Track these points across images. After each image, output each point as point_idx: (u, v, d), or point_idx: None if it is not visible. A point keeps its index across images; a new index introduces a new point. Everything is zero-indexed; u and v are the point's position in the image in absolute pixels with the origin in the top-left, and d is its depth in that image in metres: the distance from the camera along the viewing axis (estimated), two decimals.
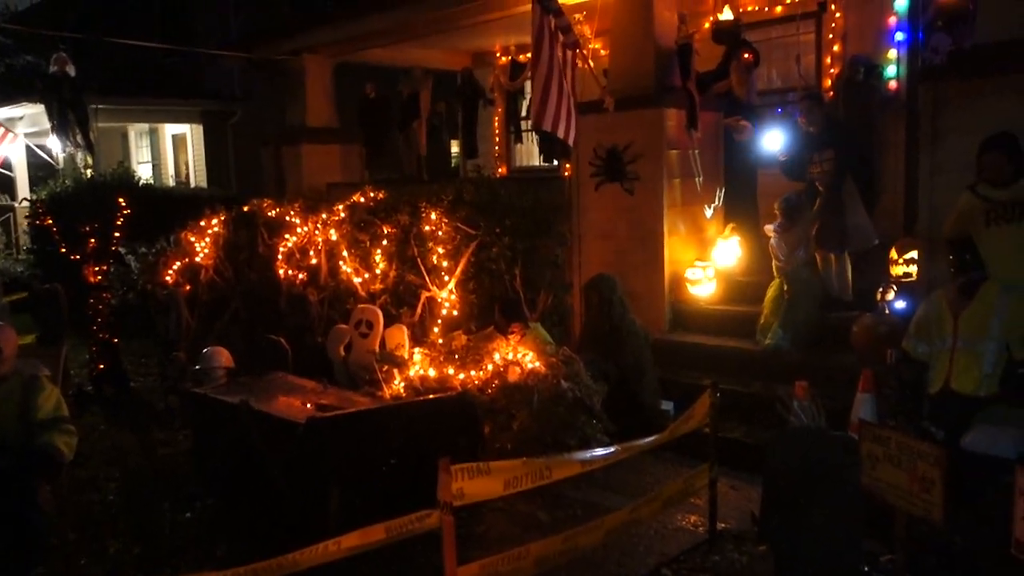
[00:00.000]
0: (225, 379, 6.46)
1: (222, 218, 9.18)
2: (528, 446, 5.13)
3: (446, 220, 7.36)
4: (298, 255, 8.45)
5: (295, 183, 11.68)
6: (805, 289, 6.51)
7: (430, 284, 7.28)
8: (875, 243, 6.57)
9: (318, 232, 8.30)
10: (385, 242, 7.74)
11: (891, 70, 7.73)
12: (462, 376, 5.67)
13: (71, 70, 13.26)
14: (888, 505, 3.24)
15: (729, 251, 7.54)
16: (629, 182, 7.31)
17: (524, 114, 12.09)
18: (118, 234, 8.34)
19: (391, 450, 4.70)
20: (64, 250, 8.19)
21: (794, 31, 8.34)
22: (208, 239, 9.06)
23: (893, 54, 7.70)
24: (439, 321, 7.13)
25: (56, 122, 13.41)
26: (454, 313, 7.15)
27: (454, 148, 14.61)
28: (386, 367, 5.99)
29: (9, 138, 14.39)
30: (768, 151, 7.31)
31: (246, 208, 9.35)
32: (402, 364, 6.03)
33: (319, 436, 4.54)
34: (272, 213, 8.98)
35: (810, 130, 6.66)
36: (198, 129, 17.72)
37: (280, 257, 8.54)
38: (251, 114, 16.18)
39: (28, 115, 15.83)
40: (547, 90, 6.55)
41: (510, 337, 6.15)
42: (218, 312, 8.63)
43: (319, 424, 4.60)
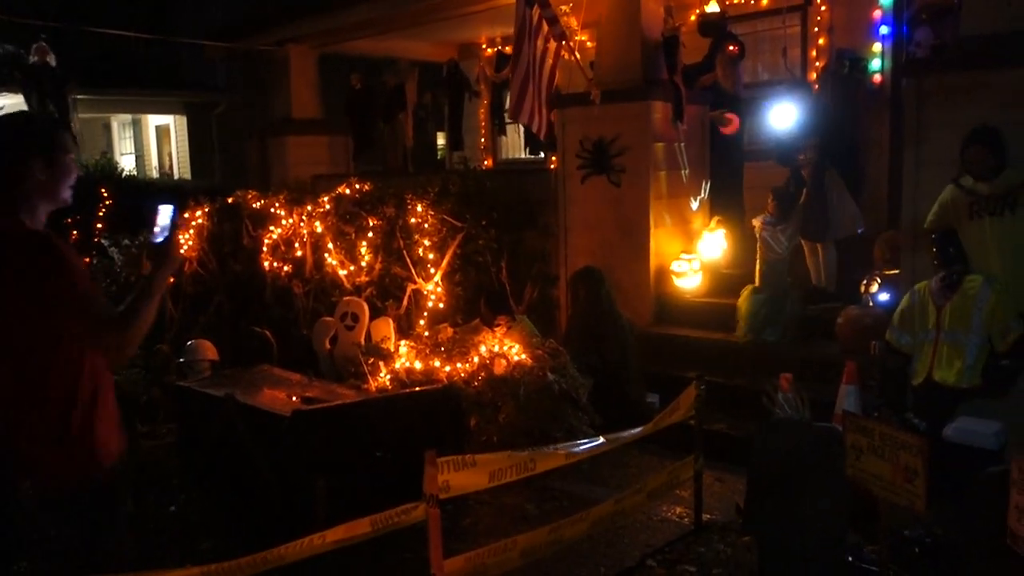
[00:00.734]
0: (210, 372, 6.42)
1: (206, 210, 9.10)
2: (514, 438, 5.14)
3: (432, 212, 7.34)
4: (283, 247, 8.40)
5: (280, 175, 11.59)
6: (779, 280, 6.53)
7: (416, 276, 7.27)
8: (860, 231, 6.60)
9: (303, 224, 8.26)
10: (371, 234, 7.71)
11: (876, 64, 7.78)
12: (448, 369, 5.67)
13: (52, 60, 13.08)
14: (872, 496, 3.27)
15: (715, 244, 7.55)
16: (615, 174, 7.32)
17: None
18: (100, 226, 8.27)
19: (377, 443, 4.69)
20: None
21: (780, 24, 8.37)
22: (192, 231, 8.99)
23: (878, 48, 7.75)
24: (425, 314, 7.12)
25: (36, 112, 13.23)
26: (440, 306, 7.14)
27: (440, 140, 14.55)
28: (372, 360, 5.98)
29: None
30: (770, 131, 7.36)
31: (230, 200, 9.26)
32: (388, 357, 6.02)
33: (305, 429, 4.52)
34: (257, 205, 8.91)
35: (802, 119, 6.70)
36: (182, 120, 17.59)
37: (265, 249, 8.48)
38: (235, 105, 16.03)
39: (8, 105, 15.63)
40: (525, 83, 6.56)
41: (496, 329, 6.15)
42: (202, 304, 8.55)
43: (305, 417, 4.57)
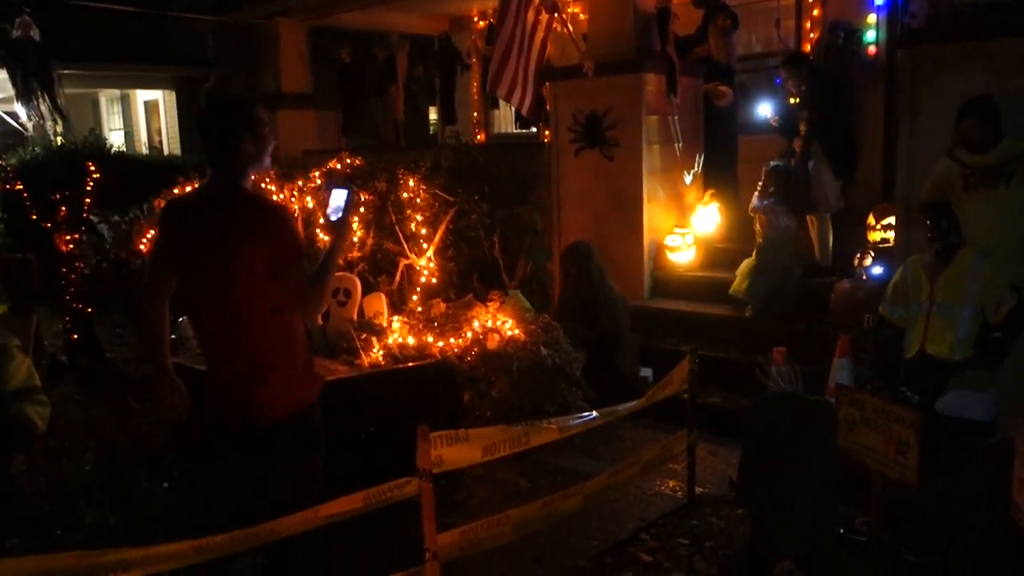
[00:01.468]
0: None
1: (196, 186, 9.02)
2: (508, 413, 5.14)
3: (424, 187, 7.28)
4: None
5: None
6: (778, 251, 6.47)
7: (408, 252, 7.22)
8: (840, 206, 6.56)
9: (294, 200, 8.19)
10: (362, 209, 7.66)
11: (871, 35, 7.70)
12: (441, 344, 5.65)
13: (35, 34, 12.88)
14: (864, 468, 3.28)
15: (708, 218, 7.52)
16: (608, 148, 7.26)
17: None
18: (89, 201, 8.19)
19: (370, 418, 4.68)
20: (35, 218, 8.03)
21: None
22: None
23: (873, 19, 7.67)
24: (418, 289, 7.09)
25: (20, 89, 13.05)
26: (433, 281, 7.11)
27: (432, 114, 14.42)
28: (364, 335, 5.95)
29: None
30: (761, 116, 7.27)
31: None
32: (380, 332, 5.99)
33: None
34: None
35: (801, 89, 6.61)
36: (171, 95, 17.39)
37: None
38: (225, 80, 15.82)
39: None
40: (507, 56, 6.42)
41: (489, 304, 6.13)
42: None
43: None
